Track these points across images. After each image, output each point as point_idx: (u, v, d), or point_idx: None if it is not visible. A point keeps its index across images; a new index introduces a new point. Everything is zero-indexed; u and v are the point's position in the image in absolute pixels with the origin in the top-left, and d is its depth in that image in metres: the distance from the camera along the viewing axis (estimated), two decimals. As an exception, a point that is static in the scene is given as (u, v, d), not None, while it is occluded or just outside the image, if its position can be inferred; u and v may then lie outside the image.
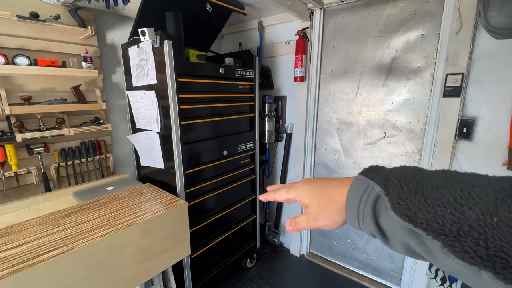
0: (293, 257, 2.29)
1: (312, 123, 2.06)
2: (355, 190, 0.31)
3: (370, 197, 0.29)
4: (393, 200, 0.27)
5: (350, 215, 0.32)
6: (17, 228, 1.03)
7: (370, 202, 0.29)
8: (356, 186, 0.31)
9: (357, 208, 0.30)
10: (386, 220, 0.27)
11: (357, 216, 0.30)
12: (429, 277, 1.64)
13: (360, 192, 0.30)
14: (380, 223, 0.29)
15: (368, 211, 0.29)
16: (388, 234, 0.28)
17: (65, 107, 1.39)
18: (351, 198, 0.31)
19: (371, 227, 0.29)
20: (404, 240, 0.26)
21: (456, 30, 1.36)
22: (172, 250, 1.25)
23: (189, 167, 1.47)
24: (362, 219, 0.30)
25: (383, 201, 0.28)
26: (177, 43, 1.30)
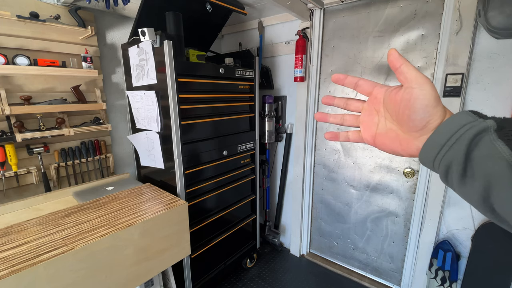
0: (293, 257, 2.29)
1: (312, 123, 2.06)
2: (459, 118, 0.28)
3: (475, 127, 0.26)
4: (507, 133, 0.25)
5: (436, 138, 0.29)
6: (17, 228, 1.03)
7: (473, 131, 0.26)
8: (462, 116, 0.28)
9: (452, 133, 0.28)
10: (484, 151, 0.25)
11: (445, 142, 0.28)
12: (429, 277, 1.64)
13: (464, 121, 0.28)
14: (472, 154, 0.26)
15: (465, 138, 0.27)
16: (471, 169, 0.26)
17: (65, 107, 1.39)
18: (450, 122, 0.28)
19: (457, 156, 0.27)
20: (490, 178, 0.25)
21: (456, 30, 1.36)
22: (172, 250, 1.25)
23: (189, 167, 1.47)
24: (449, 146, 0.28)
25: (490, 134, 0.26)
26: (177, 43, 1.30)
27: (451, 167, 0.28)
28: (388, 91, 0.35)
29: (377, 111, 0.37)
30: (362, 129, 0.39)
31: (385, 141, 0.36)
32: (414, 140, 0.32)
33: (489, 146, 0.25)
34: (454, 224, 1.55)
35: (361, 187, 1.92)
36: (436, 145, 0.29)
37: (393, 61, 0.32)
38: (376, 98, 0.36)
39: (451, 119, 0.29)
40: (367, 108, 0.38)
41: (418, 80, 0.31)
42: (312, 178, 2.16)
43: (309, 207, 2.21)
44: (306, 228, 2.26)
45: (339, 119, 0.41)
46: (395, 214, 1.80)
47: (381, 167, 1.80)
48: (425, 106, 0.30)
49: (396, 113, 0.33)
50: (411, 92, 0.31)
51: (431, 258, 1.63)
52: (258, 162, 2.02)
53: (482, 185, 0.25)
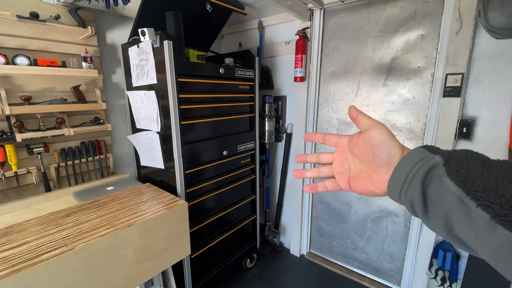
0: (293, 257, 2.29)
1: (312, 123, 2.06)
2: (411, 156, 0.31)
3: (425, 165, 0.29)
4: (451, 168, 0.27)
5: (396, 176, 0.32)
6: (17, 228, 1.03)
7: (424, 168, 0.29)
8: (415, 153, 0.31)
9: (407, 173, 0.30)
10: (436, 188, 0.27)
11: (403, 181, 0.30)
12: (429, 277, 1.64)
13: (415, 159, 0.30)
14: (427, 191, 0.28)
15: (418, 177, 0.29)
16: (430, 204, 0.28)
17: (65, 107, 1.39)
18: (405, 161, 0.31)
19: (415, 195, 0.29)
20: (447, 213, 0.26)
21: (456, 30, 1.36)
22: (172, 250, 1.25)
23: (189, 167, 1.47)
24: (407, 186, 0.30)
25: (439, 169, 0.28)
26: (177, 43, 1.30)
27: (413, 203, 0.30)
28: (350, 138, 0.40)
29: (346, 158, 0.41)
30: (337, 177, 0.42)
31: (359, 183, 0.38)
32: (384, 176, 0.34)
33: (439, 183, 0.27)
34: (454, 224, 1.55)
35: (361, 187, 1.91)
36: (397, 183, 0.31)
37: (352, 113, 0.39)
38: (342, 147, 0.41)
39: (407, 156, 0.32)
40: (337, 157, 0.42)
41: (372, 123, 0.36)
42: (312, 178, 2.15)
43: (309, 207, 2.21)
44: (306, 228, 2.26)
45: (315, 173, 0.46)
46: (395, 214, 1.80)
47: (381, 167, 1.79)
48: (382, 141, 0.34)
49: (362, 154, 0.37)
50: (368, 133, 0.36)
51: (431, 258, 1.63)
52: (258, 162, 2.02)
53: (443, 220, 0.27)
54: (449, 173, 0.27)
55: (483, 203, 0.23)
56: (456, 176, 0.26)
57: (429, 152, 0.30)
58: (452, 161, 0.27)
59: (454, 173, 0.26)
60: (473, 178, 0.25)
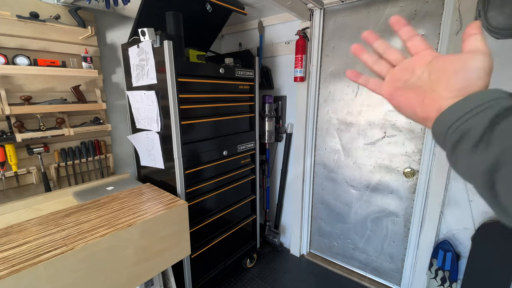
0: (293, 257, 2.29)
1: (312, 123, 2.06)
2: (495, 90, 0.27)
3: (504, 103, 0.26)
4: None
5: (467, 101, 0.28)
6: (17, 228, 1.03)
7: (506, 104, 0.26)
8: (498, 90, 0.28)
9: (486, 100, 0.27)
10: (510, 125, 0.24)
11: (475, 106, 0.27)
12: (429, 277, 1.64)
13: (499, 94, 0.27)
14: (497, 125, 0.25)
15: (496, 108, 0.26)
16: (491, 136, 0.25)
17: (65, 107, 1.39)
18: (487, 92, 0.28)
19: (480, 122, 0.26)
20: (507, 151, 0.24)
21: (456, 30, 1.36)
22: (172, 250, 1.25)
23: (189, 167, 1.47)
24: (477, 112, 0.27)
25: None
26: (177, 43, 1.30)
27: (467, 134, 0.27)
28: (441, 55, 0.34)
29: (413, 70, 0.36)
30: (387, 79, 0.38)
31: (407, 96, 0.35)
32: (441, 100, 0.31)
33: None
34: (454, 224, 1.55)
35: (361, 187, 1.92)
36: (462, 109, 0.28)
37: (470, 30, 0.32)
38: (422, 58, 0.36)
39: (483, 91, 0.28)
40: (406, 64, 0.37)
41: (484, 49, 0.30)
42: (312, 178, 2.16)
43: (309, 207, 2.21)
44: (306, 228, 2.26)
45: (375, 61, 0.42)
46: (395, 214, 1.80)
47: (381, 167, 1.80)
48: (480, 70, 0.30)
49: (442, 71, 0.32)
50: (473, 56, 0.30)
51: (431, 258, 1.63)
52: (258, 162, 2.02)
53: (494, 157, 0.24)
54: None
55: None
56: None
57: (509, 95, 0.27)
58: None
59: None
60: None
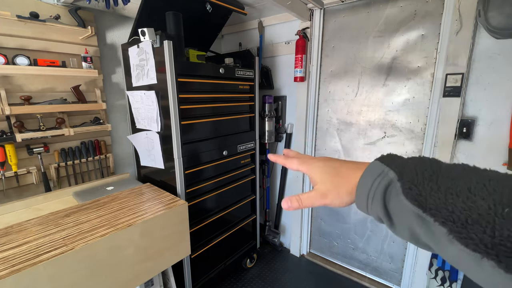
0: (293, 257, 2.29)
1: (312, 123, 2.06)
2: (369, 174, 0.32)
3: (382, 182, 0.29)
4: (405, 185, 0.27)
5: (360, 196, 0.32)
6: (17, 228, 1.03)
7: (382, 186, 0.29)
8: (371, 170, 0.32)
9: (368, 190, 0.31)
10: (395, 204, 0.28)
11: (366, 198, 0.31)
12: (429, 277, 1.64)
13: (373, 176, 0.31)
14: (389, 207, 0.29)
15: (378, 194, 0.29)
16: (395, 218, 0.29)
17: (65, 107, 1.39)
18: (364, 180, 0.32)
19: (378, 210, 0.30)
20: (410, 226, 0.27)
21: (456, 30, 1.36)
22: (172, 250, 1.25)
23: (189, 167, 1.47)
24: (371, 202, 0.31)
25: (395, 186, 0.28)
26: (177, 43, 1.30)
27: (379, 218, 0.31)
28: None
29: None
30: None
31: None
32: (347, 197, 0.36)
33: (397, 200, 0.27)
34: (454, 224, 1.55)
35: (361, 187, 1.91)
36: (362, 201, 0.32)
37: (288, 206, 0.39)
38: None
39: (365, 174, 0.32)
40: None
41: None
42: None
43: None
44: (306, 228, 2.26)
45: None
46: (395, 214, 1.80)
47: (381, 167, 1.79)
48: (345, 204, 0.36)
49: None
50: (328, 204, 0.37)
51: (431, 258, 1.63)
52: (258, 162, 2.02)
53: (408, 231, 0.28)
54: (404, 191, 0.27)
55: (438, 219, 0.23)
56: (410, 194, 0.26)
57: (384, 165, 0.30)
58: (405, 176, 0.28)
59: (408, 191, 0.27)
60: (425, 195, 0.25)
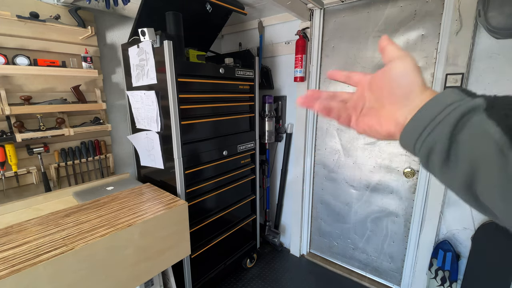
0: (293, 257, 2.29)
1: (312, 123, 2.06)
2: (446, 96, 0.26)
3: (462, 106, 0.24)
4: (499, 112, 0.22)
5: (421, 116, 0.27)
6: (17, 228, 1.03)
7: (461, 110, 0.24)
8: (448, 94, 0.26)
9: (437, 112, 0.26)
10: (471, 133, 0.23)
11: (429, 121, 0.26)
12: (429, 277, 1.64)
13: (450, 99, 0.26)
14: (458, 136, 0.24)
15: (451, 118, 0.24)
16: (455, 152, 0.24)
17: (65, 107, 1.39)
18: (435, 102, 0.27)
19: (440, 138, 0.25)
20: (476, 164, 0.22)
21: (456, 30, 1.36)
22: (172, 250, 1.25)
23: (189, 167, 1.47)
24: (434, 126, 0.26)
25: (479, 114, 0.23)
26: (177, 43, 1.30)
27: (433, 150, 0.26)
28: (373, 76, 0.35)
29: (362, 97, 0.37)
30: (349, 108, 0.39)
31: (365, 121, 0.35)
32: (395, 114, 0.31)
33: (478, 128, 0.23)
34: (454, 224, 1.55)
35: (361, 187, 1.92)
36: (418, 126, 0.27)
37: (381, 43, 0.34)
38: (363, 85, 0.37)
39: (436, 98, 0.27)
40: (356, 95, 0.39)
41: (399, 54, 0.32)
42: (312, 178, 2.16)
43: (309, 207, 2.21)
44: (306, 228, 2.26)
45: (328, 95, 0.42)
46: (395, 214, 1.80)
47: (381, 167, 1.80)
48: (403, 73, 0.31)
49: (378, 88, 0.34)
50: (391, 64, 0.32)
51: (431, 258, 1.63)
52: (258, 162, 2.02)
53: (466, 171, 0.24)
54: (494, 117, 0.22)
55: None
56: (504, 121, 0.22)
57: (465, 95, 0.26)
58: (498, 105, 0.23)
59: (503, 117, 0.22)
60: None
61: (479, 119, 0.23)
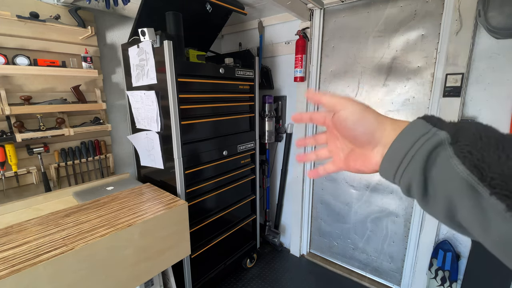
0: (293, 257, 2.29)
1: (312, 123, 2.05)
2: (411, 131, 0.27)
3: (428, 143, 0.25)
4: (462, 149, 0.23)
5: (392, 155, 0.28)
6: (17, 228, 1.03)
7: (427, 147, 0.25)
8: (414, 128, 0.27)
9: (406, 150, 0.26)
10: (441, 170, 0.24)
11: (401, 159, 0.26)
12: (429, 277, 1.64)
13: (416, 135, 0.26)
14: (430, 173, 0.25)
15: (420, 156, 0.25)
16: (432, 188, 0.25)
17: (65, 107, 1.39)
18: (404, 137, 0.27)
19: (414, 176, 0.25)
20: (452, 199, 0.23)
21: (456, 30, 1.36)
22: (172, 250, 1.25)
23: (189, 167, 1.47)
24: (406, 165, 0.26)
25: (445, 149, 0.24)
26: (177, 43, 1.30)
27: (411, 186, 0.27)
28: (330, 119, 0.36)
29: (336, 137, 0.38)
30: (334, 158, 0.40)
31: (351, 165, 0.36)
32: (370, 153, 0.32)
33: (446, 165, 0.23)
34: (454, 224, 1.55)
35: (361, 187, 1.92)
36: (393, 162, 0.28)
37: (312, 99, 0.35)
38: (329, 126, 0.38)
39: (403, 133, 0.27)
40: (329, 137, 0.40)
41: (338, 103, 0.33)
42: (312, 178, 2.16)
43: (309, 207, 2.21)
44: (306, 228, 2.26)
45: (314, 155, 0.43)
46: (395, 214, 1.80)
47: (381, 167, 1.79)
48: (355, 122, 0.31)
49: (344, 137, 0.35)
50: (339, 115, 0.33)
51: (431, 258, 1.63)
52: (258, 162, 2.02)
53: (445, 206, 0.24)
54: (459, 155, 0.23)
55: (499, 192, 0.20)
56: (468, 159, 0.22)
57: (431, 125, 0.26)
58: (462, 139, 0.23)
59: (466, 155, 0.22)
60: (488, 162, 0.21)
61: (446, 156, 0.23)
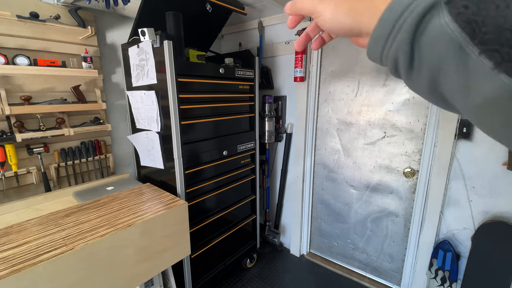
0: (293, 257, 2.29)
1: (312, 123, 2.06)
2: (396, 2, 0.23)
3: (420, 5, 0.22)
4: (457, 4, 0.20)
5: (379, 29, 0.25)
6: (17, 228, 1.03)
7: (419, 10, 0.22)
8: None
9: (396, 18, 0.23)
10: (431, 34, 0.21)
11: (389, 32, 0.24)
12: (429, 277, 1.64)
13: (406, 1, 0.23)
14: (419, 40, 0.22)
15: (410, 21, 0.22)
16: (418, 57, 0.23)
17: (65, 107, 1.39)
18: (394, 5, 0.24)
19: (401, 46, 0.23)
20: (437, 64, 0.21)
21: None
22: (172, 250, 1.25)
23: (189, 167, 1.47)
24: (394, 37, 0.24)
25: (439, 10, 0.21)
26: (177, 43, 1.30)
27: (397, 61, 0.25)
28: None
29: None
30: None
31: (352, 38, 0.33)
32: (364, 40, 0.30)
33: (437, 27, 0.21)
34: (454, 224, 1.55)
35: (361, 187, 1.92)
36: (380, 39, 0.25)
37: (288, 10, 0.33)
38: None
39: (393, 3, 0.24)
40: None
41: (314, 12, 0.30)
42: (312, 178, 2.16)
43: (309, 207, 2.21)
44: (306, 228, 2.26)
45: None
46: (395, 214, 1.80)
47: (381, 167, 1.80)
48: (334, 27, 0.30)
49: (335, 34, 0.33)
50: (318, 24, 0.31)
51: (431, 258, 1.63)
52: (258, 162, 2.02)
53: (429, 75, 0.23)
54: (452, 12, 0.20)
55: (489, 47, 0.18)
56: (462, 14, 0.19)
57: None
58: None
59: (461, 10, 0.20)
60: (484, 15, 0.19)
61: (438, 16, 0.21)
